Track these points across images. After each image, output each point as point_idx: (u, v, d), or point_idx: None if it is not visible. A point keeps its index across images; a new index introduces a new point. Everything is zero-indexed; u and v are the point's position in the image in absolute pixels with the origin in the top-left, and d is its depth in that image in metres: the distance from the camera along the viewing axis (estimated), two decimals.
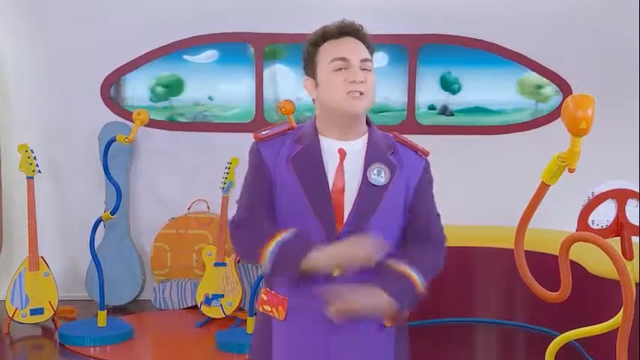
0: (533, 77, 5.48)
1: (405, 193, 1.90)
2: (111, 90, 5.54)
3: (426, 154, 1.96)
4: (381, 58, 5.44)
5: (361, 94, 1.83)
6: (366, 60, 1.86)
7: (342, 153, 1.88)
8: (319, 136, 1.90)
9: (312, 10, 5.19)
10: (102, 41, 5.43)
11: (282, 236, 1.83)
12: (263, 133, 1.94)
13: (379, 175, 1.86)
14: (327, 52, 1.87)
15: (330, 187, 1.85)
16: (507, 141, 5.51)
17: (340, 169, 1.87)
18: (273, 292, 1.92)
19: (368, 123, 1.96)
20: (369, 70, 1.86)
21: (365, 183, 1.85)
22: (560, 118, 1.86)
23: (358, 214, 1.84)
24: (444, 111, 5.51)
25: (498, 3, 5.43)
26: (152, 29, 5.43)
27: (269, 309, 1.93)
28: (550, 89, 5.49)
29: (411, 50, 5.43)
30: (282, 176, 1.88)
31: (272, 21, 5.41)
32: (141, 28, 5.43)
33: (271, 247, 1.82)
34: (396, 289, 1.79)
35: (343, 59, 1.85)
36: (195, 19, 5.44)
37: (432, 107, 5.52)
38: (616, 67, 5.36)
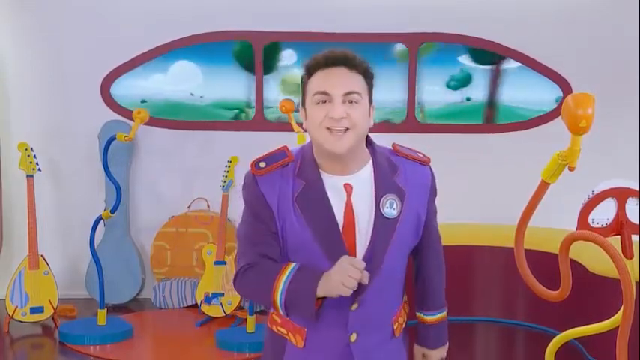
0: (294, 76, 5.37)
1: (416, 215, 1.83)
2: (111, 88, 5.54)
3: (427, 162, 1.89)
4: (380, 58, 5.44)
5: (347, 129, 1.72)
6: (350, 93, 1.72)
7: (349, 189, 1.78)
8: (321, 171, 1.79)
9: (312, 9, 5.19)
10: (102, 41, 5.43)
11: (287, 273, 1.73)
12: (261, 165, 1.81)
13: (392, 208, 1.78)
14: (313, 83, 1.75)
15: (340, 226, 1.76)
16: (507, 140, 5.51)
17: (349, 206, 1.78)
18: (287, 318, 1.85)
19: (369, 142, 1.87)
20: (356, 102, 1.73)
21: (378, 217, 1.77)
22: (559, 117, 1.86)
23: (374, 250, 1.76)
24: None
25: (499, 2, 5.43)
26: (152, 28, 5.43)
27: (285, 332, 1.86)
28: None
29: (410, 49, 5.44)
30: (285, 215, 1.77)
31: (272, 20, 5.40)
32: (140, 27, 5.43)
33: (279, 289, 1.73)
34: (439, 338, 1.98)
35: (324, 93, 1.72)
36: (195, 18, 5.44)
37: None
38: (616, 66, 5.37)
